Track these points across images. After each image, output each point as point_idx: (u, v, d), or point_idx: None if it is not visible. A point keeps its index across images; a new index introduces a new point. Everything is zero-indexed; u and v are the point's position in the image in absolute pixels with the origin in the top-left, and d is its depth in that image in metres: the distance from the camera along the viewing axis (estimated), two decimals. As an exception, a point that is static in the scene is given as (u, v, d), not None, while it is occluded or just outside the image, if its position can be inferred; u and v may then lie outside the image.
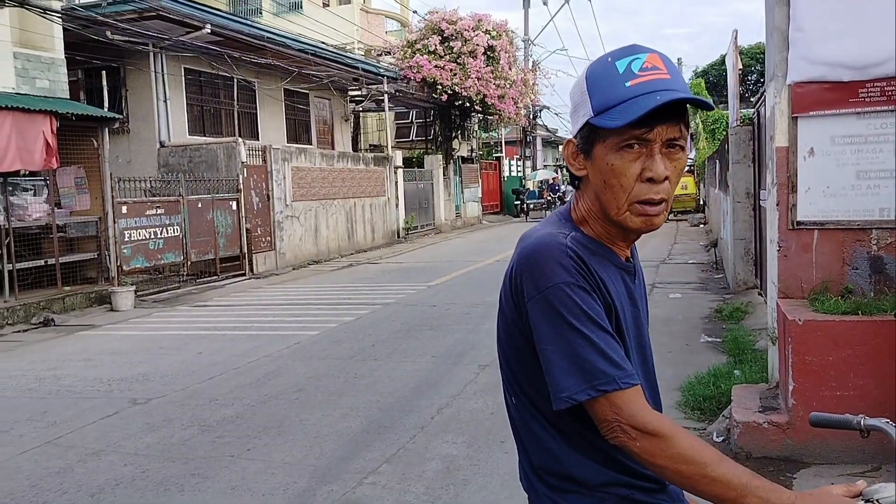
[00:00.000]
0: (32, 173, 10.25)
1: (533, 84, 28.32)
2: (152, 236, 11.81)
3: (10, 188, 9.88)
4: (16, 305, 9.63)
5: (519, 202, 33.16)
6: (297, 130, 19.67)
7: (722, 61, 48.57)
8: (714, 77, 45.60)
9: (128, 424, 5.21)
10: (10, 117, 9.37)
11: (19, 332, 9.21)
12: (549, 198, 31.14)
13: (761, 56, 40.80)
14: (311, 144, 19.78)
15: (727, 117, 30.24)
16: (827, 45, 4.22)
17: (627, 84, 1.31)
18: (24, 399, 6.01)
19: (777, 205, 4.48)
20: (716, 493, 1.24)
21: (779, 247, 4.50)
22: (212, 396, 5.84)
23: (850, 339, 3.84)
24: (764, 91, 8.21)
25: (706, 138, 27.98)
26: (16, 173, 9.81)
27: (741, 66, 12.68)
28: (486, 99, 23.20)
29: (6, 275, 9.75)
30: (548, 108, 36.48)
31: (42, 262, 10.32)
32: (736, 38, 10.88)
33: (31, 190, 10.15)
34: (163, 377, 6.54)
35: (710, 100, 1.31)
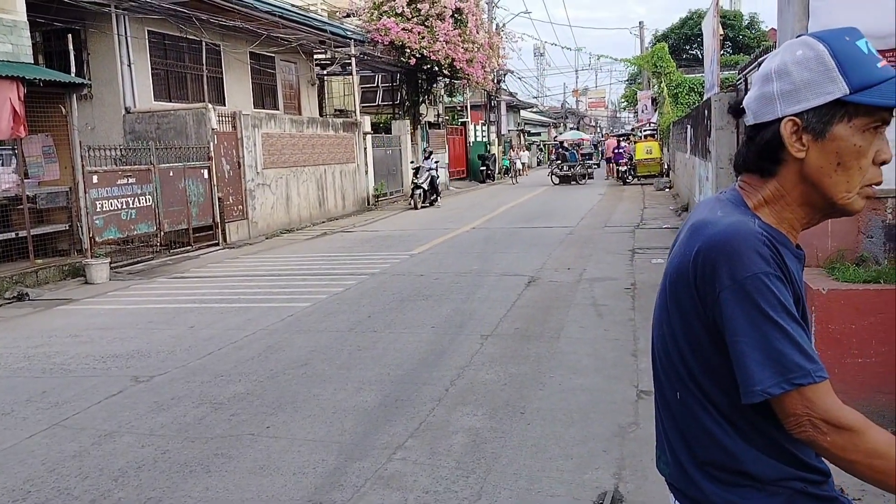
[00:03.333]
0: (-3, 142, 9.82)
1: (499, 48, 28.09)
2: (124, 206, 11.45)
3: (-24, 158, 9.44)
4: (-13, 280, 9.27)
5: (484, 167, 33.11)
6: (264, 95, 19.18)
7: (681, 25, 48.87)
8: (674, 41, 45.93)
9: (135, 404, 5.08)
10: (-27, 83, 8.91)
11: (-7, 307, 8.88)
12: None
13: (726, 22, 41.06)
14: (278, 110, 19.33)
15: (689, 82, 30.42)
16: (848, 13, 4.23)
17: (878, 65, 1.31)
18: (17, 379, 5.81)
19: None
20: None
21: (795, 216, 4.56)
22: (216, 373, 5.73)
23: (873, 308, 3.93)
24: (758, 57, 8.25)
25: (670, 103, 28.23)
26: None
27: (722, 32, 12.76)
28: (454, 63, 22.96)
29: (-25, 249, 9.36)
30: (512, 73, 36.28)
31: (13, 235, 9.94)
32: (717, 2, 10.90)
33: (-2, 160, 9.72)
34: (159, 353, 6.39)
35: None
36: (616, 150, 30.78)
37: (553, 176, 30.35)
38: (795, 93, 1.33)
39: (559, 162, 30.65)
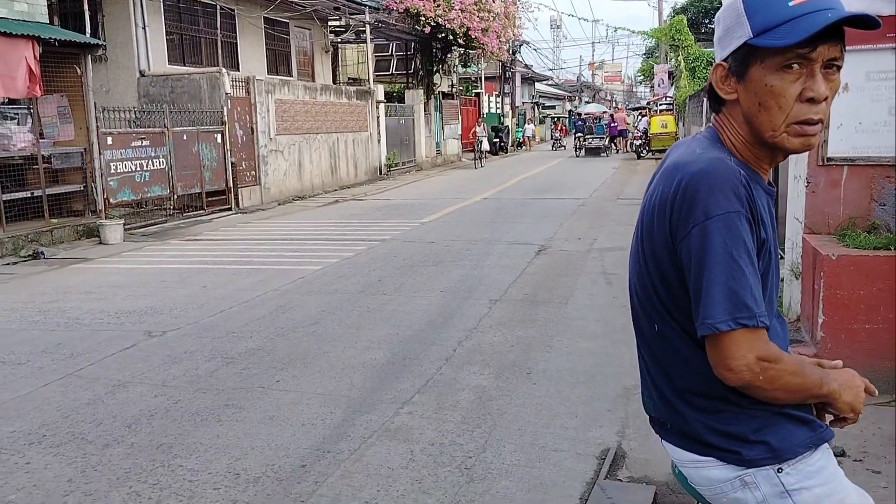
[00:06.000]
0: (12, 101, 9.87)
1: (515, 18, 27.77)
2: (138, 168, 11.52)
3: (-7, 116, 9.51)
4: (3, 238, 9.39)
5: (498, 139, 32.94)
6: (278, 61, 19.11)
7: (702, -2, 48.02)
8: (693, 14, 45.20)
9: (148, 356, 5.17)
10: (-10, 41, 8.94)
11: (9, 264, 9.00)
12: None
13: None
14: (291, 76, 19.26)
15: (707, 55, 30.08)
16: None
17: (790, 4, 1.31)
18: (33, 331, 5.91)
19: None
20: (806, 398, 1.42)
21: (807, 182, 4.54)
22: (228, 329, 5.81)
23: (882, 274, 3.92)
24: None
25: (687, 77, 27.90)
26: (-4, 101, 9.44)
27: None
28: (469, 32, 22.74)
29: (-8, 206, 9.47)
30: (528, 44, 35.92)
31: (28, 194, 10.04)
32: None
33: (14, 119, 9.78)
34: (171, 310, 6.48)
35: (878, 19, 1.22)
36: (610, 124, 31.10)
37: (579, 149, 30.30)
38: (722, 39, 1.40)
39: (581, 135, 30.56)
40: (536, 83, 50.71)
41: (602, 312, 6.14)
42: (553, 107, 59.74)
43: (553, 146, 36.59)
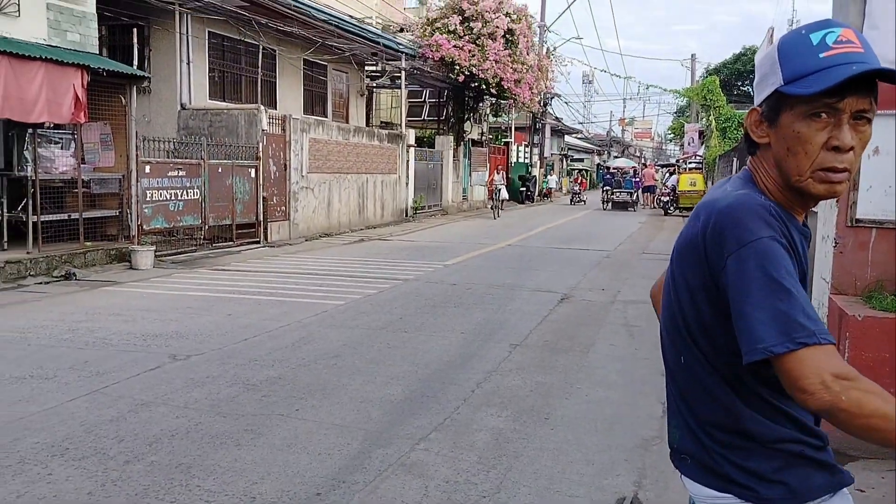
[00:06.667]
0: (58, 126, 10.22)
1: (548, 70, 28.24)
2: (173, 197, 11.79)
3: (39, 140, 9.83)
4: (38, 257, 9.62)
5: (524, 188, 33.17)
6: (314, 102, 19.59)
7: (734, 60, 48.51)
8: (725, 75, 45.58)
9: (172, 379, 5.25)
10: (42, 69, 9.31)
11: (41, 283, 9.21)
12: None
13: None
14: (326, 117, 19.71)
15: (739, 116, 30.18)
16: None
17: (821, 55, 1.36)
18: (61, 348, 6.04)
19: (836, 202, 4.53)
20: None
21: (835, 243, 4.55)
22: (250, 357, 5.88)
23: (908, 337, 3.89)
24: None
25: (717, 136, 28.03)
26: (42, 125, 9.77)
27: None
28: (502, 82, 23.13)
29: (30, 226, 9.73)
30: (559, 97, 36.38)
31: (65, 217, 10.30)
32: (771, 36, 10.87)
33: (58, 143, 10.11)
34: (197, 335, 6.58)
35: None
36: (634, 178, 31.28)
37: (606, 202, 30.42)
38: (758, 85, 1.46)
39: (609, 188, 30.72)
40: (566, 135, 51.18)
41: (623, 363, 6.12)
42: (581, 159, 60.12)
43: (571, 200, 34.17)
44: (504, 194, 24.72)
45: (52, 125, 10.05)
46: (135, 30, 11.90)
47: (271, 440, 4.17)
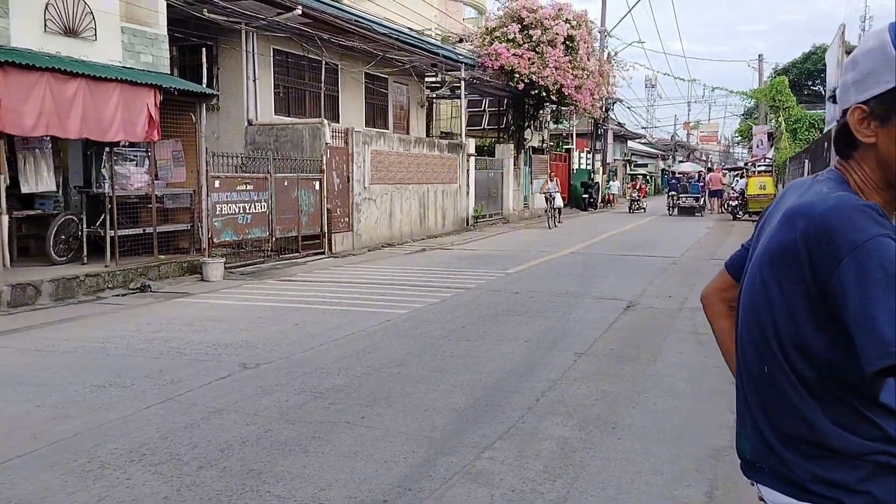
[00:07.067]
0: (132, 144, 10.65)
1: (609, 76, 27.93)
2: (241, 211, 12.13)
3: (115, 158, 10.27)
4: (116, 271, 10.04)
5: (587, 195, 32.82)
6: (375, 114, 19.88)
7: (804, 59, 46.96)
8: (795, 75, 44.15)
9: (242, 387, 5.39)
10: (118, 90, 9.74)
11: (118, 296, 9.60)
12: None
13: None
14: (387, 129, 19.98)
15: (810, 117, 29.12)
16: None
17: None
18: (138, 358, 6.28)
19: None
20: None
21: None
22: (317, 365, 5.99)
23: None
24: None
25: (788, 138, 27.13)
26: (118, 143, 10.20)
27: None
28: (562, 89, 22.99)
29: (108, 241, 10.17)
30: (621, 102, 35.91)
31: (140, 231, 10.73)
32: (843, 33, 10.50)
33: (133, 160, 10.54)
34: (265, 344, 6.74)
35: None
36: (700, 183, 30.52)
37: (672, 208, 29.81)
38: (862, 81, 1.38)
39: (675, 194, 30.09)
40: (629, 141, 50.45)
41: (691, 372, 5.98)
42: (645, 165, 59.15)
43: (630, 207, 31.56)
44: (558, 202, 23.21)
45: (127, 143, 10.49)
46: (203, 50, 12.32)
47: (338, 447, 4.23)
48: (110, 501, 3.51)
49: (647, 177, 54.41)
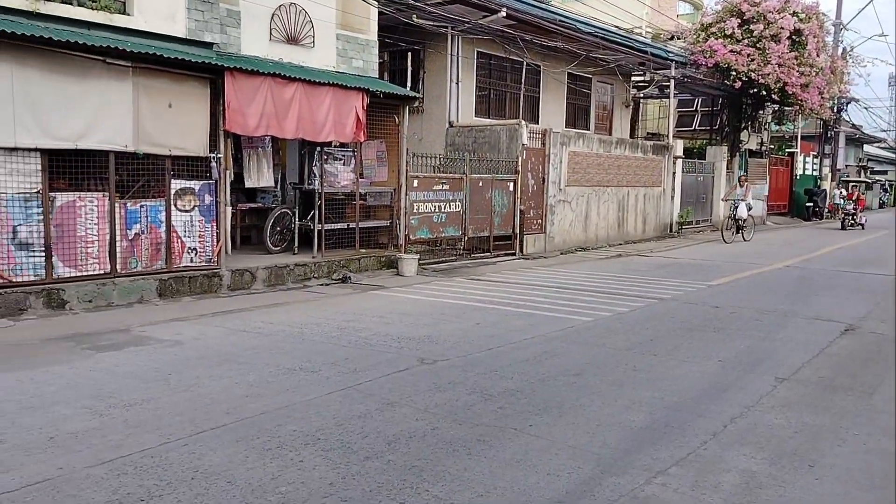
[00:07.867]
0: (341, 144, 11.35)
1: (842, 73, 25.16)
2: (436, 210, 12.49)
3: (325, 157, 11.02)
4: (321, 262, 10.78)
5: (812, 203, 29.88)
6: (576, 115, 19.57)
7: None
8: None
9: (417, 381, 5.50)
10: (330, 93, 10.42)
11: (322, 285, 10.29)
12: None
13: None
14: (588, 130, 19.58)
15: None
16: None
17: None
18: (328, 345, 6.65)
19: None
20: None
21: None
22: (492, 367, 5.95)
23: None
24: None
25: None
26: (329, 143, 10.93)
27: None
28: (786, 87, 21.08)
29: (316, 234, 10.95)
30: (856, 101, 32.20)
31: (345, 226, 11.43)
32: None
33: (340, 160, 11.24)
34: (445, 341, 6.84)
35: None
36: None
37: None
38: None
39: None
40: (865, 144, 45.20)
41: (919, 411, 5.13)
42: (885, 171, 52.71)
43: (843, 223, 24.99)
44: (741, 212, 19.09)
45: (337, 144, 11.21)
46: (409, 54, 12.84)
47: (502, 453, 4.14)
48: (282, 482, 3.71)
49: (885, 185, 48.38)
